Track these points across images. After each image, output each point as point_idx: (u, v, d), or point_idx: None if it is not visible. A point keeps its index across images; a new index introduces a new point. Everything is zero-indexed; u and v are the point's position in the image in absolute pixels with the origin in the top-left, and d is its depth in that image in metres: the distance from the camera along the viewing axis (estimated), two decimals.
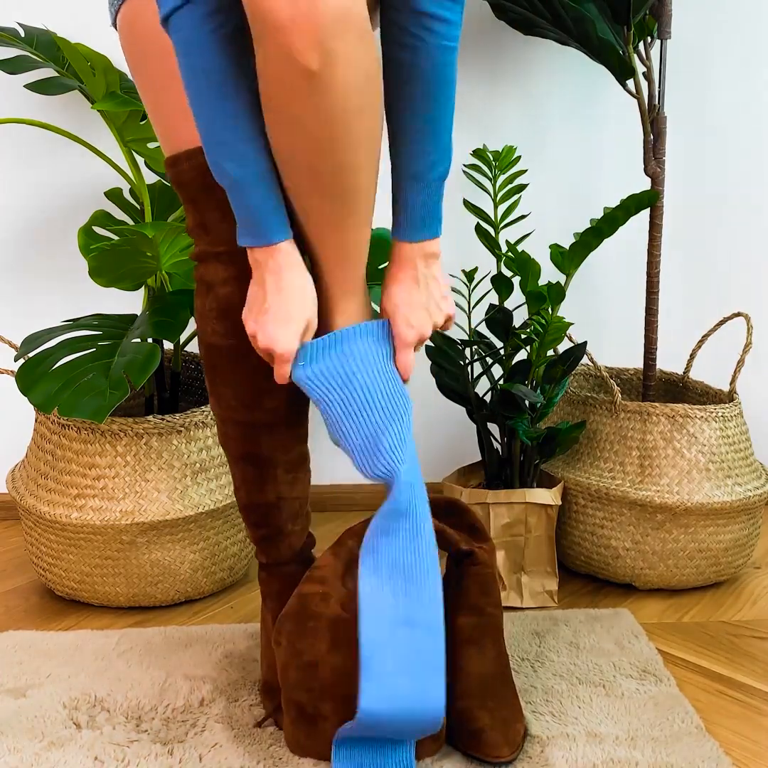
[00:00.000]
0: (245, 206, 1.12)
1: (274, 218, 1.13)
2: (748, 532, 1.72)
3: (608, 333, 2.03)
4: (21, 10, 1.81)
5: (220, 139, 1.10)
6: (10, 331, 1.76)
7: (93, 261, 1.53)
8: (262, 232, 1.13)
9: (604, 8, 1.67)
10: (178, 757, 1.23)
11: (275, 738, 1.28)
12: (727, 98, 1.99)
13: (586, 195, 2.01)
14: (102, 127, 1.72)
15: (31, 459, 1.66)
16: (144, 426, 1.57)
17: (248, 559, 1.74)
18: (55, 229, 1.93)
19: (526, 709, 1.34)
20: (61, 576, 1.63)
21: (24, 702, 1.35)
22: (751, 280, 2.07)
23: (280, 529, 1.34)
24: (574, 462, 1.75)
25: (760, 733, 1.32)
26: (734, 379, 1.77)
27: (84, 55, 1.58)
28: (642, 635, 1.54)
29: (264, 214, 1.12)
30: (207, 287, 1.25)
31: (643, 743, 1.27)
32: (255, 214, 1.12)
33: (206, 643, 1.51)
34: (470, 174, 1.69)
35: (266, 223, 1.13)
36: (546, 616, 1.61)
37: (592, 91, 1.97)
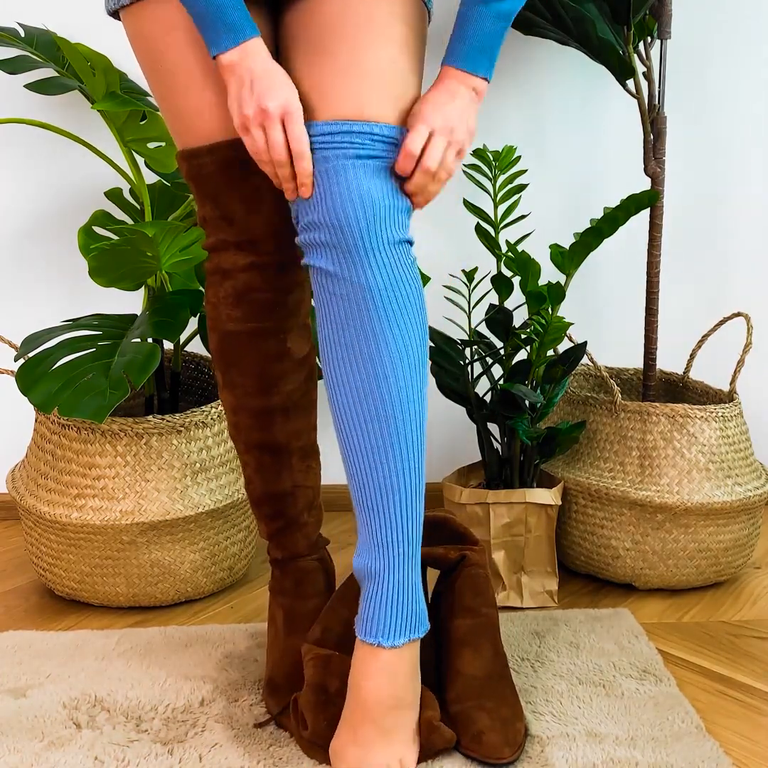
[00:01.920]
0: (211, 9, 1.12)
1: (239, 14, 1.12)
2: (748, 532, 1.72)
3: (608, 333, 2.02)
4: (21, 10, 1.81)
5: None
6: (10, 331, 1.76)
7: (93, 261, 1.53)
8: (233, 30, 1.12)
9: (604, 8, 1.67)
10: (178, 757, 1.23)
11: (275, 738, 1.28)
12: (727, 98, 1.99)
13: (586, 195, 2.01)
14: (102, 127, 1.72)
15: (31, 459, 1.66)
16: (144, 426, 1.57)
17: (248, 559, 1.74)
18: (55, 229, 1.93)
19: (526, 709, 1.34)
20: (61, 576, 1.63)
21: (24, 702, 1.35)
22: (751, 280, 2.07)
23: (296, 520, 1.35)
24: (574, 462, 1.75)
25: (760, 733, 1.32)
26: (734, 379, 1.77)
27: (84, 55, 1.58)
28: (642, 635, 1.54)
29: (228, 11, 1.11)
30: (223, 275, 1.27)
31: (643, 743, 1.27)
32: (222, 12, 1.12)
33: (206, 643, 1.51)
34: (470, 174, 1.69)
35: (232, 21, 1.12)
36: (546, 616, 1.61)
37: (592, 91, 1.97)
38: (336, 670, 1.24)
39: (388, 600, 1.17)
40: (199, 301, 1.64)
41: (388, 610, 1.17)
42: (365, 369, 1.13)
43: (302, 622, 1.34)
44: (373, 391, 1.13)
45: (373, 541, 1.17)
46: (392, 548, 1.16)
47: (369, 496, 1.16)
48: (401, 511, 1.16)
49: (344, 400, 1.15)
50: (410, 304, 1.14)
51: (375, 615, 1.17)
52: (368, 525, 1.17)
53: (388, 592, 1.17)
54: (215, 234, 1.27)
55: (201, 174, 1.24)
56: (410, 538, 1.17)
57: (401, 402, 1.14)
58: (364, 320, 1.13)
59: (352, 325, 1.13)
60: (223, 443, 1.64)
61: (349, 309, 1.13)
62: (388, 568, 1.17)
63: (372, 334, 1.13)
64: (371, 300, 1.12)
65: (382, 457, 1.15)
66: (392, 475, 1.15)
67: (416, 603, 1.19)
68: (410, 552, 1.18)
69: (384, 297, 1.13)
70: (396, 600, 1.17)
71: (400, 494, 1.16)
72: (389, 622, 1.17)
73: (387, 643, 1.17)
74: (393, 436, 1.14)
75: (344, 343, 1.14)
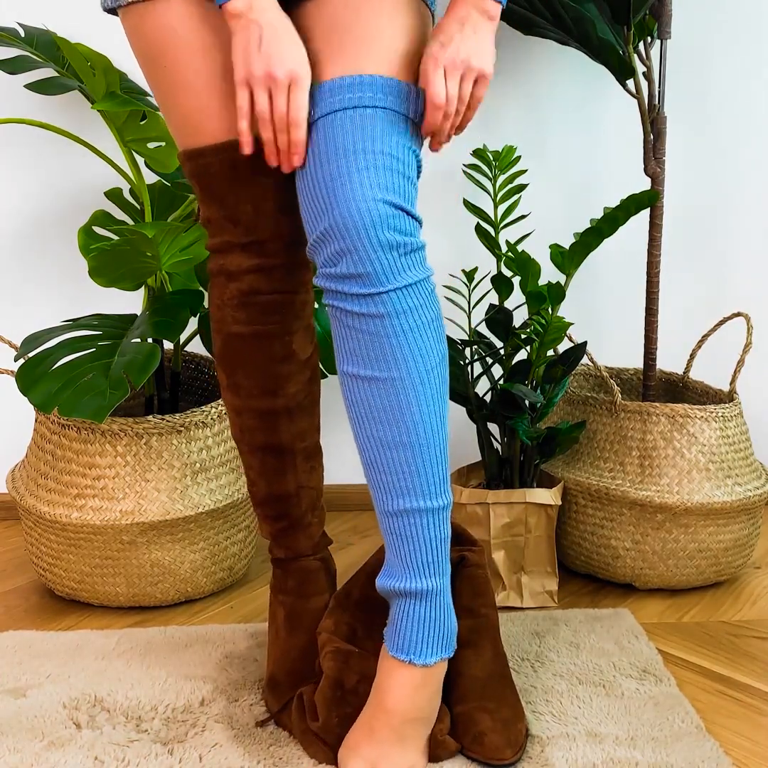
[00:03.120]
0: None
1: None
2: (748, 532, 1.72)
3: (608, 333, 2.02)
4: (21, 10, 1.81)
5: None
6: (10, 331, 1.76)
7: (93, 261, 1.53)
8: None
9: (604, 8, 1.67)
10: (178, 757, 1.23)
11: (275, 738, 1.28)
12: (727, 98, 1.99)
13: (586, 195, 2.01)
14: (102, 127, 1.72)
15: (31, 459, 1.66)
16: (144, 426, 1.57)
17: (248, 559, 1.74)
18: (55, 229, 1.93)
19: (527, 709, 1.34)
20: (61, 576, 1.63)
21: (24, 702, 1.35)
22: (751, 280, 2.06)
23: (300, 520, 1.35)
24: (574, 462, 1.75)
25: (760, 733, 1.32)
26: (734, 379, 1.77)
27: (84, 55, 1.58)
28: (642, 635, 1.54)
29: None
30: (228, 277, 1.27)
31: (643, 743, 1.27)
32: None
33: (206, 643, 1.51)
34: (470, 174, 1.69)
35: None
36: (546, 616, 1.61)
37: (592, 91, 1.97)
38: (355, 667, 1.24)
39: (423, 620, 1.18)
40: (200, 301, 1.64)
41: (423, 629, 1.18)
42: (381, 399, 1.14)
43: (303, 621, 1.34)
44: (398, 420, 1.14)
45: (404, 565, 1.18)
46: (426, 571, 1.17)
47: (395, 523, 1.17)
48: (431, 534, 1.17)
49: (369, 431, 1.16)
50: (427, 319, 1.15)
51: (409, 633, 1.18)
52: (397, 550, 1.18)
53: (424, 612, 1.18)
54: (220, 235, 1.26)
55: (206, 174, 1.23)
56: (442, 558, 1.19)
57: (425, 429, 1.15)
58: (385, 348, 1.13)
59: (373, 357, 1.14)
60: (223, 443, 1.64)
61: (370, 341, 1.13)
62: (423, 590, 1.18)
63: (394, 364, 1.13)
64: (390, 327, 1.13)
65: (408, 483, 1.15)
66: (419, 500, 1.16)
67: (449, 622, 1.21)
68: (444, 571, 1.19)
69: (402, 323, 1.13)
70: (432, 620, 1.19)
71: (427, 518, 1.16)
72: (423, 641, 1.18)
73: (419, 662, 1.18)
74: (418, 461, 1.15)
75: (364, 376, 1.14)
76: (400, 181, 1.13)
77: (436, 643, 1.19)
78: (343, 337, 1.15)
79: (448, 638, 1.21)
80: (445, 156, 1.93)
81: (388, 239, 1.11)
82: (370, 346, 1.13)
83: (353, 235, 1.10)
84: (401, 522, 1.16)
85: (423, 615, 1.18)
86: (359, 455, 1.18)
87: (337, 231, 1.11)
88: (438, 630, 1.19)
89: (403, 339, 1.13)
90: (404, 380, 1.13)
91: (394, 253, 1.11)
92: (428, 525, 1.16)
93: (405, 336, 1.13)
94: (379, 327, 1.12)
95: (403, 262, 1.12)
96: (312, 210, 1.13)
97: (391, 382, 1.13)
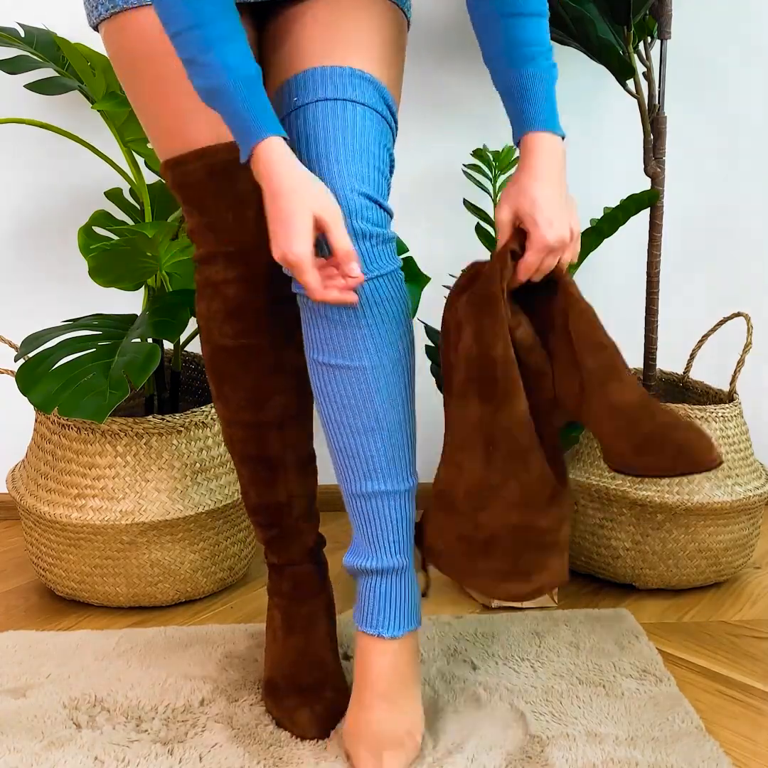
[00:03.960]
0: (232, 109, 1.08)
1: (262, 113, 1.08)
2: (748, 532, 1.72)
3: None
4: (21, 10, 1.81)
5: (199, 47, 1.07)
6: (10, 331, 1.76)
7: (93, 261, 1.53)
8: (251, 129, 1.08)
9: (604, 8, 1.67)
10: (178, 757, 1.23)
11: (275, 738, 1.28)
12: (727, 98, 1.99)
13: (586, 195, 2.00)
14: (102, 127, 1.72)
15: (31, 459, 1.66)
16: (144, 426, 1.57)
17: (248, 559, 1.74)
18: (56, 229, 1.93)
19: (526, 709, 1.34)
20: (61, 576, 1.63)
21: (24, 702, 1.35)
22: (751, 280, 2.06)
23: (291, 529, 1.35)
24: (574, 462, 1.75)
25: (760, 733, 1.32)
26: (734, 379, 1.77)
27: (84, 55, 1.58)
28: (642, 635, 1.54)
29: (253, 111, 1.08)
30: (213, 289, 1.25)
31: (643, 743, 1.27)
32: (242, 112, 1.08)
33: (206, 643, 1.51)
34: (470, 174, 1.69)
35: (255, 118, 1.08)
36: (546, 616, 1.61)
37: (592, 91, 1.97)
38: None
39: (389, 596, 1.22)
40: None
41: (389, 604, 1.22)
42: (351, 387, 1.16)
43: (299, 623, 1.34)
44: (367, 408, 1.17)
45: (370, 544, 1.21)
46: (390, 549, 1.21)
47: (362, 504, 1.20)
48: (397, 515, 1.20)
49: (339, 418, 1.18)
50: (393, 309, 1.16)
51: (375, 608, 1.22)
52: (363, 530, 1.21)
53: (390, 589, 1.21)
54: (204, 245, 1.25)
55: (186, 182, 1.22)
56: (406, 537, 1.22)
57: (394, 416, 1.18)
58: (357, 338, 1.14)
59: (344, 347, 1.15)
60: (222, 443, 1.64)
61: (342, 331, 1.14)
62: (388, 568, 1.21)
63: (365, 354, 1.15)
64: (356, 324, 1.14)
65: (375, 467, 1.18)
66: (386, 483, 1.19)
67: (413, 597, 1.24)
68: (408, 550, 1.22)
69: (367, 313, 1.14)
70: (397, 595, 1.22)
71: (394, 500, 1.19)
72: (389, 616, 1.22)
73: (387, 635, 1.21)
74: (387, 445, 1.18)
75: (335, 365, 1.16)
76: (375, 175, 1.15)
77: (402, 617, 1.22)
78: (314, 326, 1.15)
79: (412, 612, 1.23)
80: (445, 156, 1.93)
81: (362, 229, 1.11)
82: (341, 335, 1.14)
83: None
84: (368, 504, 1.19)
85: (388, 591, 1.21)
86: (327, 439, 1.21)
87: None
88: (403, 604, 1.22)
89: (375, 330, 1.14)
90: (375, 369, 1.15)
91: (368, 243, 1.12)
92: (393, 506, 1.19)
93: (377, 327, 1.14)
94: (352, 317, 1.13)
95: (376, 252, 1.13)
96: None
97: (362, 371, 1.15)
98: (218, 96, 1.07)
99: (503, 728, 1.30)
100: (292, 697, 1.30)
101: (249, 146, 1.08)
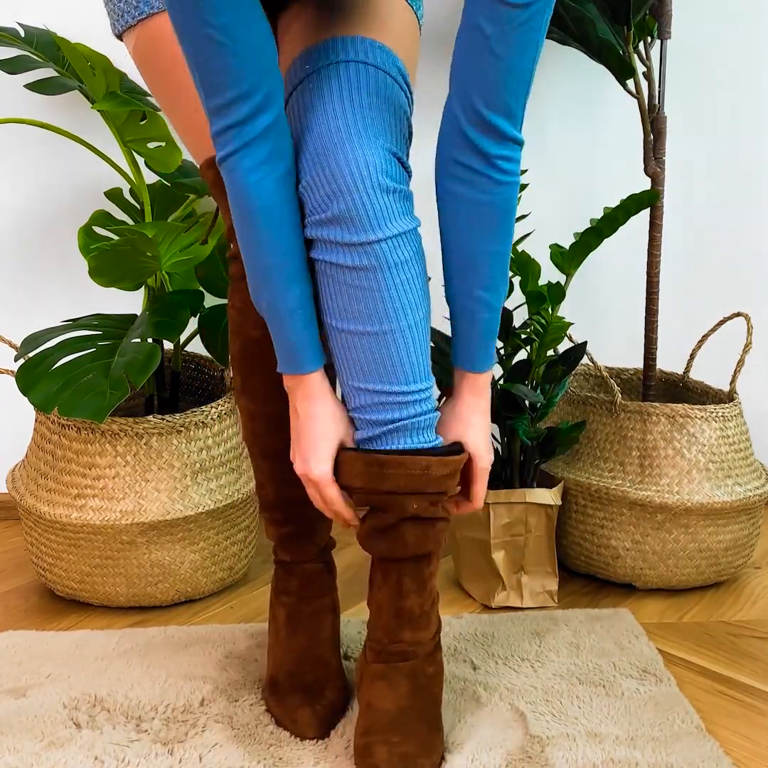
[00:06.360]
0: (282, 337, 1.15)
1: (309, 351, 1.15)
2: (748, 532, 1.72)
3: (608, 333, 2.02)
4: (21, 10, 1.81)
5: (264, 276, 1.13)
6: (10, 331, 1.76)
7: (93, 261, 1.53)
8: (294, 362, 1.16)
9: (604, 8, 1.67)
10: (178, 757, 1.23)
11: (275, 738, 1.28)
12: (727, 98, 1.99)
13: (586, 195, 2.01)
14: (102, 127, 1.72)
15: (31, 459, 1.66)
16: (144, 426, 1.57)
17: (248, 559, 1.74)
18: (55, 229, 1.93)
19: (526, 709, 1.34)
20: (61, 576, 1.63)
21: (24, 702, 1.35)
22: (751, 280, 2.06)
23: (307, 527, 1.35)
24: (574, 462, 1.75)
25: (760, 733, 1.32)
26: (734, 379, 1.77)
27: (84, 55, 1.58)
28: (642, 635, 1.54)
29: (299, 346, 1.15)
30: None
31: (643, 743, 1.27)
32: (290, 345, 1.15)
33: (206, 643, 1.51)
34: None
35: (300, 355, 1.15)
36: (546, 616, 1.61)
37: (592, 91, 1.97)
38: None
39: None
40: (199, 301, 1.64)
41: None
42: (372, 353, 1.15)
43: (304, 623, 1.34)
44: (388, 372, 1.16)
45: None
46: None
47: None
48: None
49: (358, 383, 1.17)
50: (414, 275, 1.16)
51: None
52: None
53: None
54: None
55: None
56: None
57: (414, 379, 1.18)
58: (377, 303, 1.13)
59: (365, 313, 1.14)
60: (223, 443, 1.64)
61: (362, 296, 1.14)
62: None
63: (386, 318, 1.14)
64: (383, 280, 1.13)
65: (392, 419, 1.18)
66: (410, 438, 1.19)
67: None
68: None
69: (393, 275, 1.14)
70: None
71: None
72: None
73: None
74: None
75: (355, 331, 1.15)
76: (396, 134, 1.14)
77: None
78: (333, 293, 1.14)
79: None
80: None
81: (381, 183, 1.10)
82: (362, 301, 1.12)
83: (346, 176, 1.09)
84: None
85: None
86: (344, 402, 1.20)
87: (329, 172, 1.09)
88: None
89: (395, 293, 1.13)
90: (395, 333, 1.14)
91: (388, 197, 1.11)
92: None
93: (396, 289, 1.13)
94: (372, 281, 1.11)
95: (397, 208, 1.12)
96: (306, 152, 1.12)
97: (382, 336, 1.13)
98: (273, 321, 1.15)
99: (503, 728, 1.30)
100: (293, 695, 1.30)
101: (291, 371, 1.17)
